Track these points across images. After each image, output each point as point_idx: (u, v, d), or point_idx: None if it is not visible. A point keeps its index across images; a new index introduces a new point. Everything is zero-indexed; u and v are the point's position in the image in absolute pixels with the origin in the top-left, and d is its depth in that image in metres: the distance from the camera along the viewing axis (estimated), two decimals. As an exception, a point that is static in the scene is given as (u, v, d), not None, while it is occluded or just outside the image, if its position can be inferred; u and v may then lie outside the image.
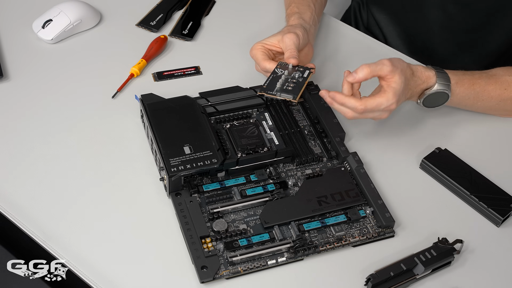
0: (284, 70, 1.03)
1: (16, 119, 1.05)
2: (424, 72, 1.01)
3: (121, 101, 1.10)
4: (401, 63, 0.97)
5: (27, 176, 0.97)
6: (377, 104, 0.95)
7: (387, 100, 0.95)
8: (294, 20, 1.13)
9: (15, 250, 0.96)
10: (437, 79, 1.01)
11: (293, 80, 1.01)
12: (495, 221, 0.97)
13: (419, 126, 1.10)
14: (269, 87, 1.00)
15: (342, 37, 1.26)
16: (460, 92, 1.04)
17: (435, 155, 1.03)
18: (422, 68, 1.01)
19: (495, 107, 1.08)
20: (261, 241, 0.90)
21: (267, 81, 1.01)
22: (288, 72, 1.03)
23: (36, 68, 1.14)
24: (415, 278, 0.89)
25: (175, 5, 1.28)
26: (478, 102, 1.06)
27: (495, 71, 1.07)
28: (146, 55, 1.16)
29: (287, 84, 1.00)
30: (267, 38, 1.08)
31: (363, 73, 0.95)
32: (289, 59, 1.04)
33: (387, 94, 0.95)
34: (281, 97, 0.98)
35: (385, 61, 0.96)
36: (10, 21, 1.22)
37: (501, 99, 1.06)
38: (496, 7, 1.17)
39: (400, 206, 0.98)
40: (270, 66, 1.04)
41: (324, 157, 1.02)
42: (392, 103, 0.95)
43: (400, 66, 0.96)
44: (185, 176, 0.94)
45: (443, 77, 1.01)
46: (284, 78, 1.02)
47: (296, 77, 1.02)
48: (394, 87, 0.95)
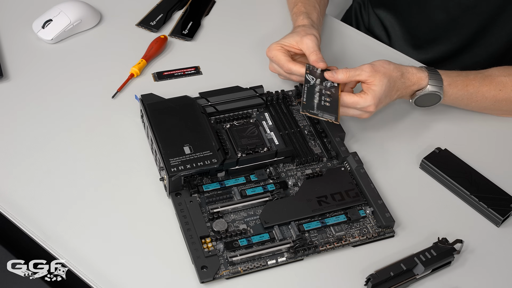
0: (315, 78, 1.00)
1: (16, 119, 1.05)
2: (415, 73, 1.01)
3: (121, 101, 1.09)
4: (385, 66, 0.99)
5: (27, 176, 0.97)
6: (353, 102, 0.97)
7: (364, 101, 0.97)
8: (303, 20, 1.12)
9: (15, 250, 0.96)
10: (429, 80, 1.01)
11: (327, 91, 0.99)
12: (495, 221, 0.97)
13: (419, 126, 1.10)
14: (308, 103, 0.97)
15: (343, 38, 1.26)
16: (453, 94, 1.04)
17: (435, 155, 1.03)
18: (414, 70, 1.01)
19: (490, 107, 1.08)
20: (261, 241, 0.90)
21: (304, 94, 0.98)
22: (320, 78, 1.01)
23: (36, 68, 1.14)
24: (415, 278, 0.89)
25: (175, 5, 1.28)
26: (472, 103, 1.06)
27: (491, 71, 1.07)
28: (146, 55, 1.16)
29: (323, 98, 0.98)
30: (284, 39, 1.07)
31: (342, 76, 0.99)
32: (317, 62, 1.02)
33: (365, 96, 0.97)
34: (323, 118, 0.96)
35: (365, 66, 0.98)
36: (10, 21, 1.22)
37: (496, 100, 1.06)
38: (500, 10, 1.17)
39: (400, 206, 0.98)
40: (297, 69, 1.03)
41: (324, 157, 1.02)
42: (369, 104, 0.97)
43: (383, 70, 0.98)
44: (185, 176, 0.94)
45: (436, 79, 1.02)
46: (318, 88, 0.99)
47: (328, 86, 1.00)
48: (374, 90, 0.97)
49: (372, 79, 0.97)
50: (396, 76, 0.99)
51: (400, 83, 1.00)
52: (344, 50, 1.23)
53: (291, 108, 1.08)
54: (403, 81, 1.00)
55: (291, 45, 1.06)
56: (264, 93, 1.08)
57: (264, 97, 1.07)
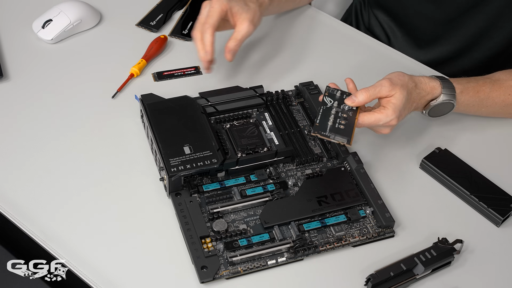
0: (333, 100, 0.97)
1: (16, 119, 1.05)
2: (428, 83, 0.99)
3: (121, 101, 1.09)
4: (401, 78, 0.96)
5: (27, 176, 0.97)
6: (375, 120, 0.94)
7: (386, 116, 0.94)
8: None
9: (15, 250, 0.96)
10: (442, 89, 1.00)
11: (344, 114, 0.95)
12: (495, 221, 0.97)
13: (419, 126, 1.10)
14: (321, 125, 0.93)
15: (343, 38, 1.26)
16: (465, 100, 1.03)
17: (435, 155, 1.03)
18: (426, 79, 1.00)
19: (499, 112, 1.08)
20: (261, 241, 0.90)
21: (318, 116, 0.94)
22: (337, 101, 0.96)
23: (36, 68, 1.14)
24: (415, 278, 0.89)
25: (175, 5, 1.28)
26: (482, 108, 1.06)
27: (498, 76, 1.06)
28: (146, 55, 1.16)
29: (338, 120, 0.94)
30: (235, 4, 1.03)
31: (363, 97, 0.94)
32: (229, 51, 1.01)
33: (386, 111, 0.94)
34: (335, 140, 0.93)
35: (383, 82, 0.95)
36: (10, 21, 1.22)
37: (504, 104, 1.06)
38: (500, 11, 1.17)
39: (400, 206, 0.98)
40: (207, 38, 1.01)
41: (324, 157, 1.02)
42: (392, 119, 0.94)
43: (400, 82, 0.95)
44: (185, 176, 0.94)
45: (448, 87, 1.00)
46: (335, 111, 0.95)
47: (346, 110, 0.95)
48: (394, 103, 0.94)
49: (392, 92, 0.94)
50: (411, 87, 0.97)
51: (415, 94, 0.98)
52: (343, 50, 1.23)
53: (291, 108, 1.08)
54: (418, 91, 0.98)
55: (235, 15, 1.03)
56: (264, 93, 1.08)
57: (264, 97, 1.07)
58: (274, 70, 1.16)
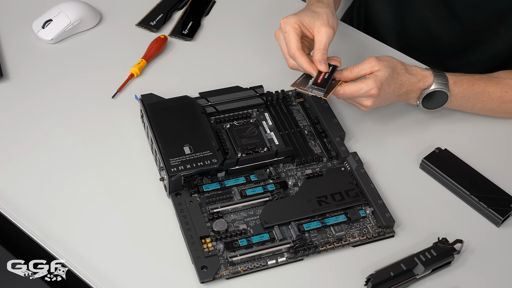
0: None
1: (16, 119, 1.05)
2: (420, 71, 1.01)
3: (121, 101, 1.10)
4: (389, 59, 0.99)
5: (27, 176, 0.97)
6: (356, 89, 0.96)
7: (366, 85, 0.95)
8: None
9: (15, 250, 0.96)
10: (434, 78, 1.01)
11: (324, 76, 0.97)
12: (495, 221, 0.97)
13: (419, 126, 1.10)
14: (301, 82, 0.97)
15: (343, 37, 1.26)
16: (459, 92, 1.03)
17: (435, 155, 1.03)
18: (419, 68, 1.02)
19: (496, 109, 1.07)
20: (261, 241, 0.90)
21: (301, 77, 0.98)
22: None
23: (36, 68, 1.14)
24: (415, 278, 0.89)
25: (175, 5, 1.28)
26: (478, 104, 1.06)
27: (497, 74, 1.07)
28: (146, 55, 1.16)
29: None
30: (304, 16, 1.00)
31: (347, 72, 0.98)
32: (320, 63, 0.96)
33: (367, 80, 0.96)
34: (312, 93, 0.95)
35: (369, 58, 0.98)
36: (10, 21, 1.22)
37: (501, 101, 1.06)
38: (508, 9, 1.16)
39: (400, 206, 0.98)
40: (301, 61, 0.97)
41: (324, 157, 1.02)
42: (372, 88, 0.95)
43: (386, 60, 0.98)
44: (185, 176, 0.94)
45: (441, 76, 1.02)
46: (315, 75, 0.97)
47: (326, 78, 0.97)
48: (377, 75, 0.96)
49: (376, 68, 0.97)
50: (400, 69, 0.99)
51: (405, 78, 1.00)
52: (343, 50, 1.23)
53: (291, 108, 1.08)
54: (408, 76, 1.00)
55: (309, 27, 1.00)
56: (264, 93, 1.08)
57: (264, 97, 1.07)
58: (274, 70, 1.16)
